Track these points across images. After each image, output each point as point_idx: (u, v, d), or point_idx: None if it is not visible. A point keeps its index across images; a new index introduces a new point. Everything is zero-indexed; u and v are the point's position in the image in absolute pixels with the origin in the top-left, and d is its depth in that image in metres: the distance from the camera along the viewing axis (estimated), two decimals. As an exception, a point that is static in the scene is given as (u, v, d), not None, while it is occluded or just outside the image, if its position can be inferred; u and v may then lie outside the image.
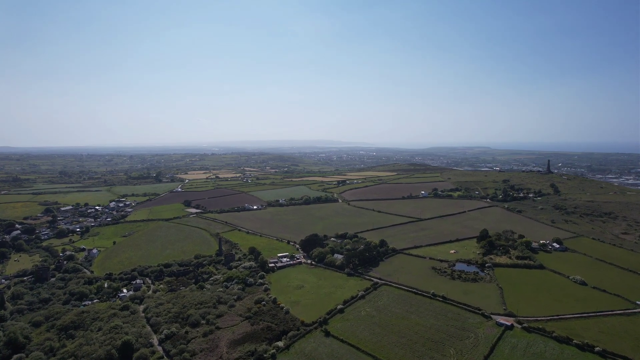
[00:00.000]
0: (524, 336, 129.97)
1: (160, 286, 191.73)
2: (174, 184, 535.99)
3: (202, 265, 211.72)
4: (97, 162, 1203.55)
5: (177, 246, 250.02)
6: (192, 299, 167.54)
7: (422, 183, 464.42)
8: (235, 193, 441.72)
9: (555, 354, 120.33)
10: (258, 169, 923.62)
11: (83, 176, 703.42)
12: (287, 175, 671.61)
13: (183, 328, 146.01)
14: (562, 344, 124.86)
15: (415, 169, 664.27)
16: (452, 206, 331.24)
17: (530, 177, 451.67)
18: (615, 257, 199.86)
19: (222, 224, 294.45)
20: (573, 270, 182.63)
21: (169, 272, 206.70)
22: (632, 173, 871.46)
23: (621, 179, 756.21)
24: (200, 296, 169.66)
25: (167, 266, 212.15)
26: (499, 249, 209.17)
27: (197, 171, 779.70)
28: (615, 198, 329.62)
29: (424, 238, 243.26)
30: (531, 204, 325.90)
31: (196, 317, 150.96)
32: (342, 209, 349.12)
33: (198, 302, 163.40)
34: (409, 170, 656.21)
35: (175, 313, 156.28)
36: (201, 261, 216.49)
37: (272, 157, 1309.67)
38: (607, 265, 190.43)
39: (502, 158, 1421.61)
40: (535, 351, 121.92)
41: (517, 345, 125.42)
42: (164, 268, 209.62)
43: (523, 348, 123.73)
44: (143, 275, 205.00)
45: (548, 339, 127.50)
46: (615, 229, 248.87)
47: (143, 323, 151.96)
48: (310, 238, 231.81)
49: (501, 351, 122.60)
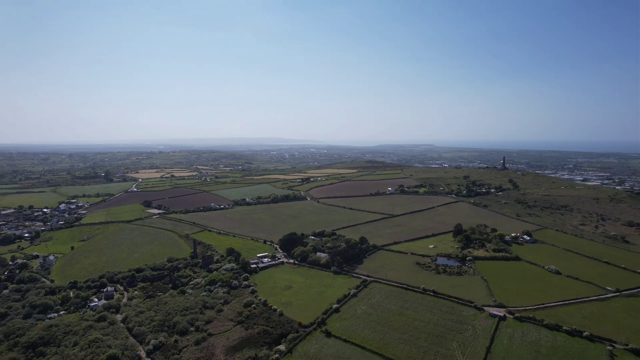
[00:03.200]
0: (518, 326, 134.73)
1: (134, 293, 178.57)
2: (127, 184, 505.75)
3: (177, 269, 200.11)
4: (30, 160, 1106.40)
5: (145, 249, 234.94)
6: (176, 305, 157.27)
7: (386, 180, 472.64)
8: (197, 192, 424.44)
9: (549, 340, 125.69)
10: (211, 167, 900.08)
11: (18, 176, 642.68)
12: (246, 173, 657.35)
13: (171, 337, 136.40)
14: (553, 330, 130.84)
15: (374, 166, 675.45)
16: (420, 202, 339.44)
17: (488, 173, 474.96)
18: (579, 247, 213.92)
19: (190, 225, 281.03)
20: (546, 260, 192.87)
21: (142, 277, 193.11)
22: (565, 169, 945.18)
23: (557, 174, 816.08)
24: (184, 302, 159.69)
25: (139, 271, 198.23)
26: (475, 242, 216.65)
27: (149, 170, 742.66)
28: (568, 192, 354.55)
29: (401, 234, 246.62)
30: (494, 198, 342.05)
31: (184, 325, 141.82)
32: (312, 206, 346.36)
33: (183, 308, 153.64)
34: (368, 167, 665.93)
35: (159, 321, 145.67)
36: (176, 264, 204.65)
37: (224, 155, 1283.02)
38: (574, 254, 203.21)
39: (447, 155, 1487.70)
40: (531, 339, 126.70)
41: (514, 335, 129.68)
42: (136, 273, 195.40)
43: (519, 337, 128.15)
44: (113, 281, 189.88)
45: (540, 327, 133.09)
46: (573, 220, 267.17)
47: (125, 334, 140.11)
48: (290, 237, 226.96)
49: (500, 341, 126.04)
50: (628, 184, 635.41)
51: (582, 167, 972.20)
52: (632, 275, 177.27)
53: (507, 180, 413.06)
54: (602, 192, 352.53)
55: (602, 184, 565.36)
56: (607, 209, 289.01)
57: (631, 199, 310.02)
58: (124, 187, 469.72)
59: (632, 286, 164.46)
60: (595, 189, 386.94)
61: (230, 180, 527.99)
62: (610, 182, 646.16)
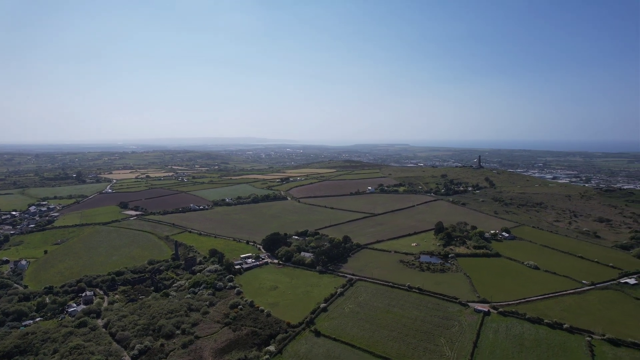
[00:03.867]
0: (502, 320, 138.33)
1: (115, 297, 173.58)
2: (101, 185, 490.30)
3: (159, 271, 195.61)
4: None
5: (124, 252, 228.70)
6: (160, 308, 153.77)
7: (366, 179, 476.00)
8: (174, 193, 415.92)
9: (532, 334, 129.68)
10: (187, 167, 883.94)
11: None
12: (224, 173, 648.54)
13: (157, 341, 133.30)
14: (535, 324, 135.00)
15: (352, 166, 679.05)
16: (400, 201, 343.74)
17: (465, 171, 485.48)
18: (555, 243, 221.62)
19: (169, 226, 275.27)
20: (525, 256, 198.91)
21: (122, 280, 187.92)
22: (536, 167, 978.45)
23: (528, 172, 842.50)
24: (169, 304, 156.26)
25: (119, 274, 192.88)
26: (456, 240, 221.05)
27: (123, 170, 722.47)
28: (542, 190, 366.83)
29: (383, 232, 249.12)
30: (472, 197, 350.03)
31: (169, 328, 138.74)
32: (293, 206, 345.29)
33: (167, 311, 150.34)
34: (347, 167, 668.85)
35: (143, 325, 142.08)
36: (157, 267, 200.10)
37: (199, 155, 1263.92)
38: (551, 250, 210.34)
39: (422, 155, 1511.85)
40: (515, 333, 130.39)
41: (498, 329, 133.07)
42: (116, 276, 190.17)
43: (504, 331, 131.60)
44: (92, 286, 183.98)
45: (523, 321, 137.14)
46: (548, 217, 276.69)
47: (108, 340, 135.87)
48: (273, 237, 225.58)
49: (486, 336, 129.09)
50: (594, 182, 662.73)
51: (551, 166, 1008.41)
52: (604, 268, 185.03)
53: (483, 179, 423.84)
54: (573, 189, 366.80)
55: (571, 182, 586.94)
56: (579, 205, 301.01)
57: (600, 196, 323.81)
58: (98, 188, 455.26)
59: (605, 279, 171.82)
60: (566, 186, 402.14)
61: (208, 181, 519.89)
62: (578, 180, 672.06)
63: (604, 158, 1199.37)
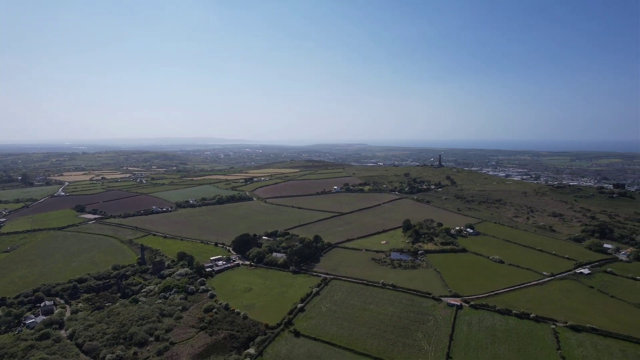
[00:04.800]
0: (474, 313, 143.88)
1: (79, 305, 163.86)
2: (52, 187, 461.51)
3: (125, 277, 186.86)
4: None
5: (84, 258, 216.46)
6: (130, 315, 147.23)
7: (330, 179, 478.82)
8: (134, 195, 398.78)
9: (503, 324, 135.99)
10: (143, 168, 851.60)
11: None
12: (184, 174, 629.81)
13: (129, 349, 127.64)
14: (505, 315, 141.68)
15: (315, 165, 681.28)
16: (366, 200, 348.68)
17: (426, 170, 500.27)
18: (516, 237, 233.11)
19: (132, 230, 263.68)
20: (489, 251, 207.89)
21: (85, 287, 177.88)
22: (489, 165, 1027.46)
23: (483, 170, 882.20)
24: (139, 311, 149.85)
25: (82, 281, 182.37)
26: (424, 236, 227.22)
27: (74, 172, 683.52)
28: (500, 187, 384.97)
29: (352, 231, 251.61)
30: (435, 194, 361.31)
31: (142, 335, 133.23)
32: (260, 207, 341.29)
33: (139, 318, 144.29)
34: (310, 166, 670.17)
35: (113, 334, 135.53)
36: (123, 272, 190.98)
37: (155, 156, 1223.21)
38: (512, 244, 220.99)
39: (380, 154, 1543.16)
40: (487, 325, 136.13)
41: (471, 322, 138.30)
42: (77, 284, 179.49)
43: (477, 323, 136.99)
44: (51, 295, 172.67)
45: (493, 313, 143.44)
46: (507, 213, 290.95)
47: (75, 351, 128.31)
48: (243, 238, 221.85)
49: (461, 329, 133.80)
50: (543, 179, 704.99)
51: (502, 164, 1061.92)
52: (561, 260, 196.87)
53: (444, 177, 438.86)
54: (528, 186, 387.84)
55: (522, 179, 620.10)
56: (534, 201, 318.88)
57: (553, 192, 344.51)
58: (49, 191, 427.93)
59: (563, 270, 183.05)
60: (522, 183, 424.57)
61: (168, 182, 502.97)
62: (528, 177, 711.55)
63: (550, 157, 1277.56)
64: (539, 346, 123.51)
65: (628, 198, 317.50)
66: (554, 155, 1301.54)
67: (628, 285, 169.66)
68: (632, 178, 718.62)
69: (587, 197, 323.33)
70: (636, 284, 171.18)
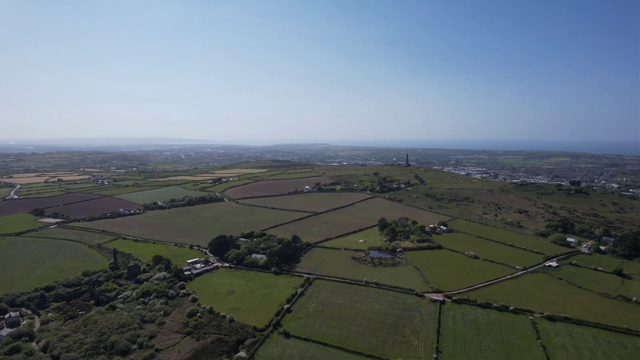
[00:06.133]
0: (457, 308, 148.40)
1: (49, 315, 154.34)
2: (3, 190, 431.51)
3: (98, 283, 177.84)
4: None
5: (49, 264, 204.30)
6: (109, 322, 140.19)
7: (300, 178, 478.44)
8: (98, 197, 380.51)
9: (485, 318, 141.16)
10: (102, 169, 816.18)
11: None
12: (148, 175, 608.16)
13: (111, 359, 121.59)
14: (486, 308, 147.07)
15: (283, 165, 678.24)
16: (339, 199, 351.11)
17: (395, 170, 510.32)
18: (487, 233, 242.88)
19: (100, 234, 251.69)
20: (464, 247, 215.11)
21: (54, 296, 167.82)
22: (450, 165, 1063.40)
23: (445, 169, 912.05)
24: (118, 318, 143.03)
25: (49, 289, 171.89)
26: (400, 234, 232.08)
27: (26, 174, 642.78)
28: (466, 185, 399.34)
29: (329, 231, 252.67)
30: (406, 193, 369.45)
31: (124, 343, 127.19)
32: (232, 207, 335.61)
33: (118, 325, 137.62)
34: (277, 166, 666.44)
35: (92, 343, 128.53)
36: (95, 278, 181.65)
37: (113, 157, 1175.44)
38: (485, 240, 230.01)
39: (343, 154, 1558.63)
40: (470, 318, 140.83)
41: (455, 316, 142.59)
42: (45, 292, 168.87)
43: (461, 318, 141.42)
44: (15, 305, 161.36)
45: (475, 307, 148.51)
46: (476, 210, 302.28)
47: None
48: (220, 240, 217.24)
49: (446, 323, 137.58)
50: (501, 177, 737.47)
51: (462, 163, 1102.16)
52: (531, 254, 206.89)
53: (413, 176, 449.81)
54: (493, 184, 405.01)
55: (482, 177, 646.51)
56: (500, 199, 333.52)
57: (516, 190, 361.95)
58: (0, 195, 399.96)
59: (534, 264, 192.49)
60: (487, 182, 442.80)
61: (132, 183, 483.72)
62: (487, 176, 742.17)
63: (504, 156, 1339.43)
64: (521, 336, 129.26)
65: (583, 194, 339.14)
66: (509, 155, 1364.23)
67: (592, 276, 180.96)
68: (580, 175, 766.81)
69: (547, 194, 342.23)
70: (599, 275, 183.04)
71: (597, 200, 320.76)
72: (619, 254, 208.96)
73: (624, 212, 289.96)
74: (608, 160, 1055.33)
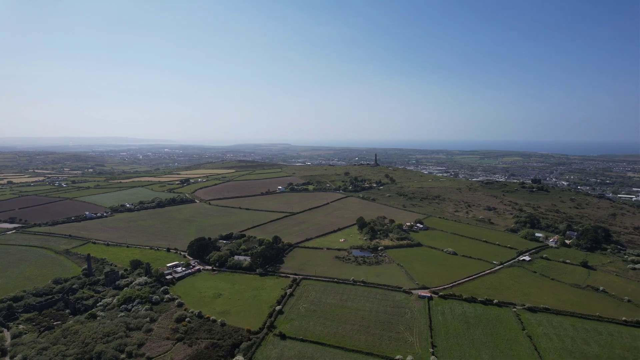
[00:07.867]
0: (444, 303, 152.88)
1: (20, 327, 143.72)
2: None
3: (72, 291, 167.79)
4: None
5: (12, 273, 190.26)
6: (92, 332, 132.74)
7: (271, 179, 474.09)
8: (57, 200, 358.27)
9: (472, 311, 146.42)
10: (54, 171, 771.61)
11: None
12: (109, 176, 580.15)
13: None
14: (472, 303, 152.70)
15: (250, 166, 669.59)
16: (313, 199, 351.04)
17: (365, 169, 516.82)
18: (462, 230, 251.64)
19: (66, 238, 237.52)
20: (442, 244, 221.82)
21: (23, 306, 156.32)
22: (411, 164, 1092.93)
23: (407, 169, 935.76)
24: (101, 327, 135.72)
25: (17, 300, 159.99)
26: (379, 233, 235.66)
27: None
28: (435, 184, 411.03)
29: (308, 231, 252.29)
30: (378, 192, 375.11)
31: (112, 353, 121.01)
32: (205, 209, 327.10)
33: (103, 335, 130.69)
34: (245, 166, 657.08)
35: (76, 355, 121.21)
36: (68, 286, 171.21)
37: (65, 157, 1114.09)
38: (460, 237, 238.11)
39: (305, 154, 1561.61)
40: (458, 313, 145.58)
41: (444, 311, 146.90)
42: (13, 303, 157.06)
43: (449, 312, 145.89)
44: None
45: (461, 302, 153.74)
46: (448, 208, 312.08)
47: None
48: (200, 242, 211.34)
49: (437, 318, 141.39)
50: (462, 176, 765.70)
51: (422, 162, 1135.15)
52: (504, 249, 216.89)
53: (384, 175, 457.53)
54: (461, 183, 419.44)
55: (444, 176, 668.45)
56: (469, 197, 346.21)
57: (483, 188, 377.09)
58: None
59: (509, 258, 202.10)
60: (454, 180, 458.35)
61: (94, 185, 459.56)
62: (448, 175, 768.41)
63: (461, 155, 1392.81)
64: (507, 328, 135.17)
65: (544, 192, 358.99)
66: (465, 154, 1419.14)
67: (562, 268, 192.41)
68: (533, 174, 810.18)
69: (512, 192, 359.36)
70: (567, 267, 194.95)
71: (557, 197, 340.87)
72: (582, 246, 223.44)
73: (581, 208, 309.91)
74: (555, 160, 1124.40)
